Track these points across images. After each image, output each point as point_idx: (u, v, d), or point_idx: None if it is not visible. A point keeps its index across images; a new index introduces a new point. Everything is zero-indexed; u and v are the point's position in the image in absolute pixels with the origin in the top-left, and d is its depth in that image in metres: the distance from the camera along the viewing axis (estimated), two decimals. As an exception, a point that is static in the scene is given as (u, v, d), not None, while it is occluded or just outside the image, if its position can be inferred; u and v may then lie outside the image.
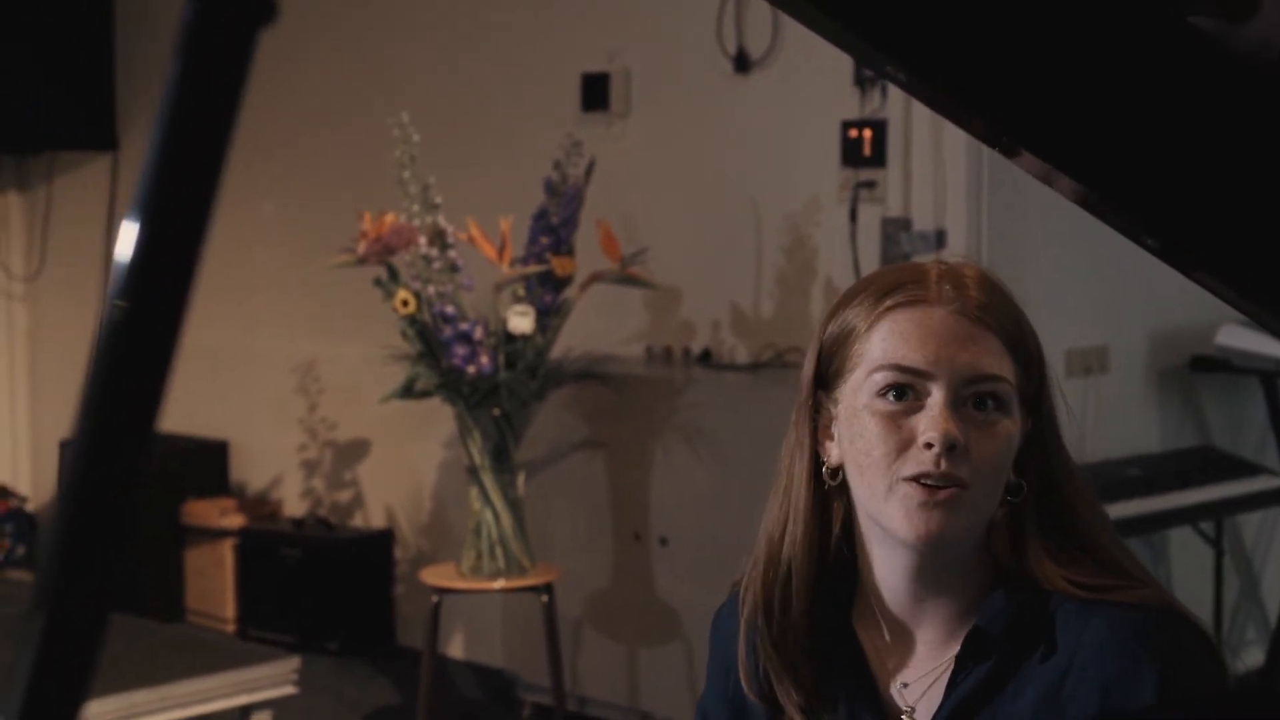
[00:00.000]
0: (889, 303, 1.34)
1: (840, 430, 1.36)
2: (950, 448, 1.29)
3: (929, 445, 1.29)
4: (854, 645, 1.38)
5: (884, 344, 1.33)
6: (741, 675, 1.41)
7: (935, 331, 1.32)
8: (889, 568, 1.35)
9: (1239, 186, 0.86)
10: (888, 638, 1.38)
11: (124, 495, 0.65)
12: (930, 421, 1.30)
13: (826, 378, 1.38)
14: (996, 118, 0.84)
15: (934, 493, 1.29)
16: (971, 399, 1.32)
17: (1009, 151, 0.85)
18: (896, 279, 1.36)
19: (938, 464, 1.29)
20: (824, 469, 1.37)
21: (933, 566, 1.34)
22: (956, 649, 1.34)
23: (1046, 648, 1.31)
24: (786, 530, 1.38)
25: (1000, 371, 1.33)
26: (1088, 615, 1.30)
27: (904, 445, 1.31)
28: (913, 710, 1.36)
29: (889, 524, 1.32)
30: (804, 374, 1.40)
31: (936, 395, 1.31)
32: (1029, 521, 1.34)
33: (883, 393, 1.32)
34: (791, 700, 1.37)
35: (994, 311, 1.34)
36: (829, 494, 1.38)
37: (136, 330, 0.64)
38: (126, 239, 0.63)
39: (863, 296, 1.37)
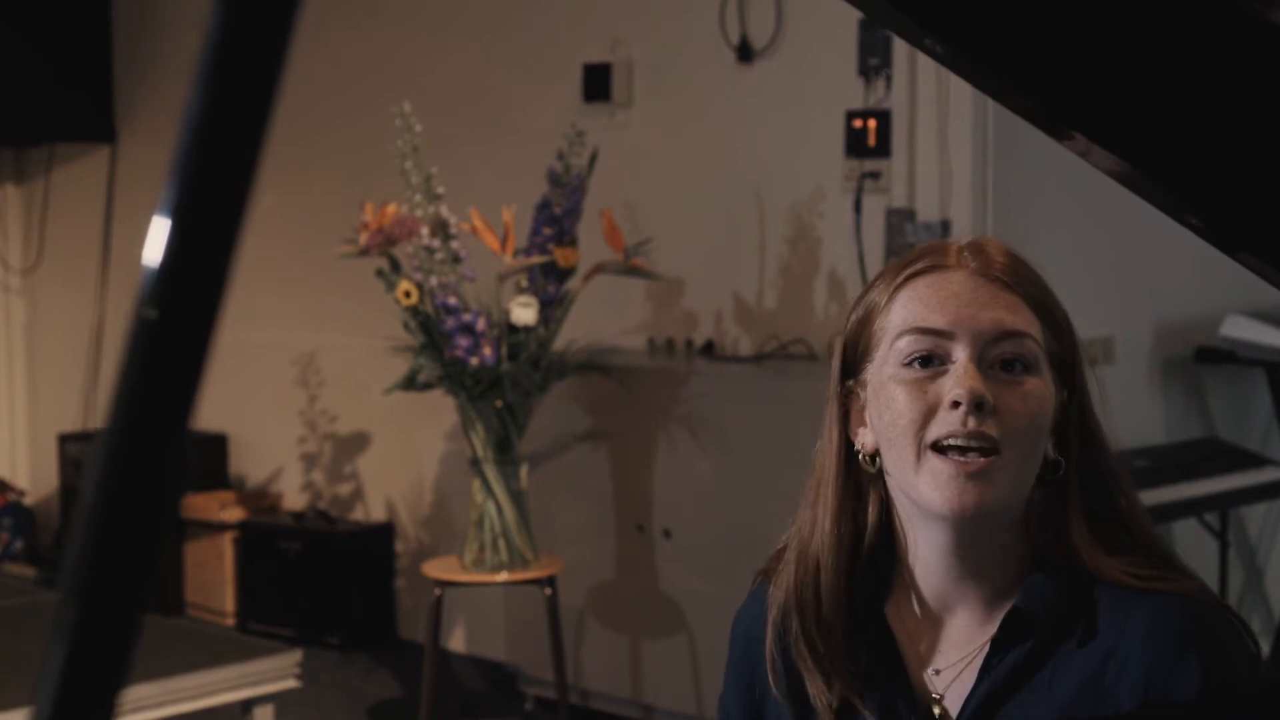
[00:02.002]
0: (908, 273, 1.33)
1: (870, 410, 1.34)
2: (978, 406, 1.26)
3: (955, 404, 1.27)
4: (886, 634, 1.36)
5: (904, 311, 1.31)
6: (770, 674, 1.38)
7: (955, 292, 1.31)
8: (928, 546, 1.32)
9: (1286, 164, 0.84)
10: (922, 624, 1.36)
11: (158, 500, 0.63)
12: (955, 380, 1.28)
13: (854, 362, 1.36)
14: (1038, 93, 0.82)
15: (963, 465, 1.26)
16: (999, 360, 1.29)
17: (1059, 133, 0.83)
18: (916, 254, 1.35)
19: (965, 423, 1.26)
20: (860, 457, 1.35)
21: (971, 542, 1.31)
22: (990, 633, 1.32)
23: (1086, 633, 1.28)
24: (816, 527, 1.36)
25: (1026, 328, 1.30)
26: (1133, 602, 1.27)
27: (931, 410, 1.28)
28: (942, 697, 1.34)
29: (921, 498, 1.29)
30: (832, 365, 1.38)
31: (961, 355, 1.29)
32: (1071, 503, 1.31)
33: (908, 361, 1.30)
34: (823, 698, 1.35)
35: (1017, 275, 1.32)
36: (865, 485, 1.35)
37: (170, 330, 0.62)
38: (159, 234, 0.61)
39: (882, 277, 1.36)
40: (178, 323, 0.61)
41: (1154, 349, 4.33)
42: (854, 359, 1.36)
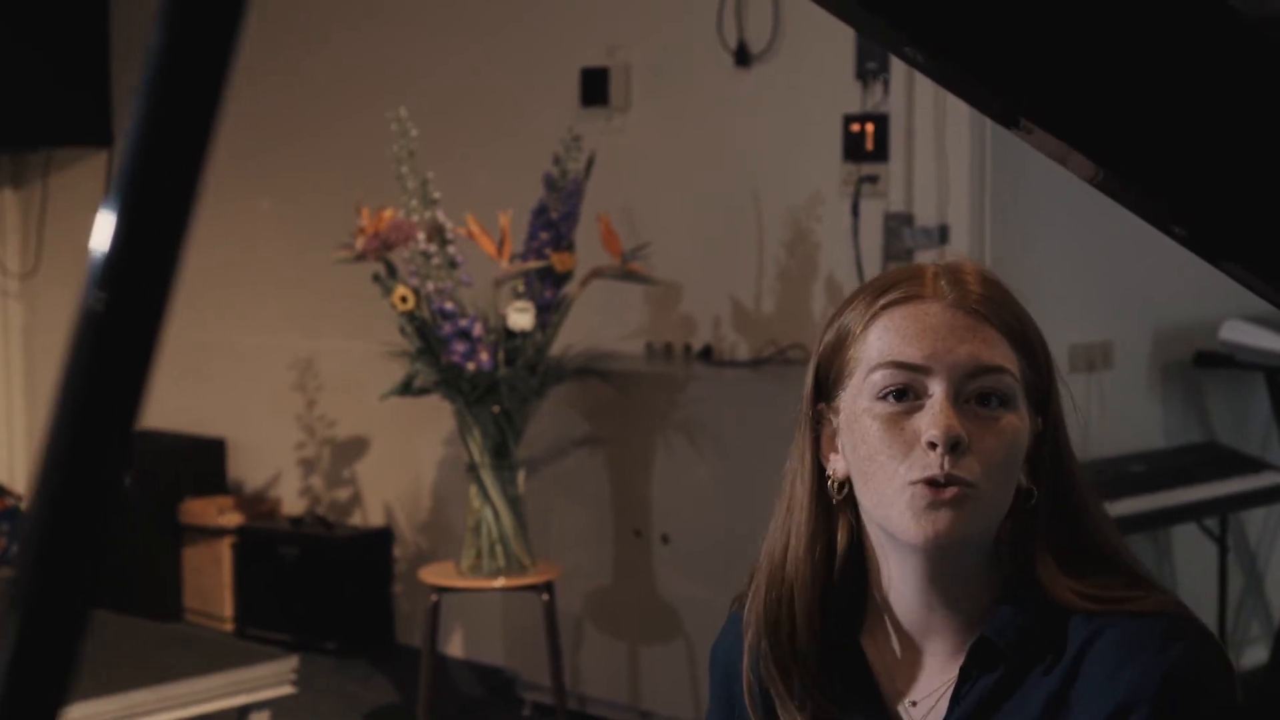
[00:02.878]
0: (884, 301, 1.31)
1: (843, 439, 1.32)
2: (954, 446, 1.25)
3: (932, 445, 1.25)
4: (862, 664, 1.35)
5: (879, 343, 1.29)
6: (747, 700, 1.37)
7: (932, 326, 1.28)
8: (900, 576, 1.31)
9: (1272, 172, 0.83)
10: (897, 654, 1.34)
11: (103, 495, 0.62)
12: (932, 419, 1.26)
13: (826, 387, 1.34)
14: (1017, 99, 0.81)
15: (940, 491, 1.25)
16: (975, 395, 1.28)
17: (1029, 133, 0.82)
18: (891, 279, 1.33)
19: (943, 465, 1.25)
20: (830, 483, 1.33)
21: (944, 571, 1.30)
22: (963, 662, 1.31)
23: (1054, 660, 1.28)
24: (789, 550, 1.34)
25: (1003, 363, 1.29)
26: (1100, 625, 1.27)
27: (908, 447, 1.27)
28: None
29: (897, 529, 1.28)
30: (804, 387, 1.36)
31: (937, 392, 1.27)
32: (1039, 533, 1.30)
33: (882, 394, 1.29)
34: None
35: (994, 304, 1.30)
36: (834, 510, 1.34)
37: (117, 322, 0.61)
38: (105, 227, 0.60)
39: (858, 300, 1.33)
40: (125, 313, 0.60)
41: (1153, 354, 4.32)
42: (826, 383, 1.34)
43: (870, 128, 4.02)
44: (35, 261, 6.09)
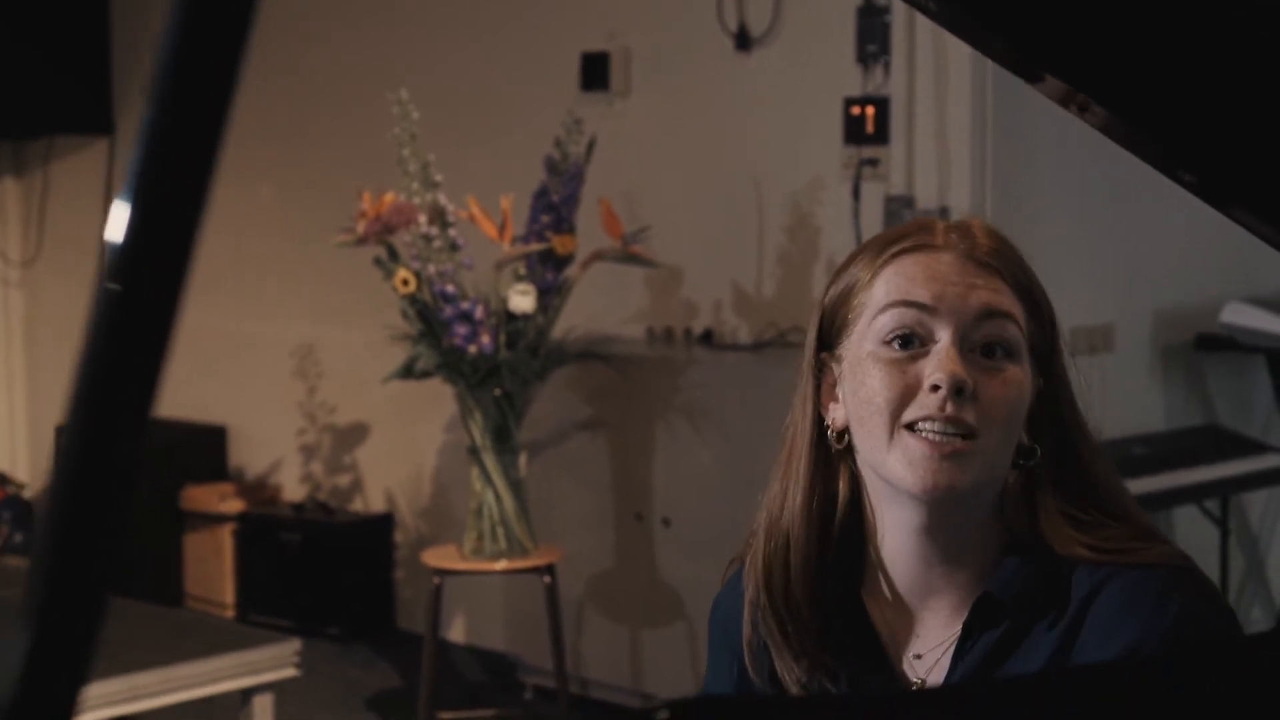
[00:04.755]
0: (894, 250, 1.31)
1: (844, 386, 1.32)
2: (958, 390, 1.25)
3: (935, 388, 1.25)
4: (864, 620, 1.34)
5: (888, 286, 1.30)
6: (748, 658, 1.37)
7: (942, 272, 1.29)
8: (897, 529, 1.31)
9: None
10: (899, 610, 1.34)
11: (121, 482, 0.62)
12: (937, 363, 1.26)
13: (830, 336, 1.34)
14: (1025, 43, 0.82)
15: (939, 445, 1.25)
16: (980, 345, 1.28)
17: (1036, 78, 0.82)
18: (901, 231, 1.34)
19: (943, 408, 1.25)
20: (829, 433, 1.33)
21: (942, 526, 1.29)
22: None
23: (1058, 615, 1.27)
24: (786, 502, 1.34)
25: (1010, 310, 1.29)
26: (1103, 578, 1.27)
27: (910, 391, 1.26)
28: (924, 682, 1.32)
29: (893, 476, 1.27)
30: (807, 338, 1.37)
31: (944, 336, 1.27)
32: (1044, 486, 1.30)
33: (889, 339, 1.29)
34: (792, 674, 1.33)
35: (1003, 258, 1.31)
36: (834, 461, 1.33)
37: (132, 312, 0.61)
38: (120, 216, 0.60)
39: (864, 252, 1.34)
40: (141, 294, 0.60)
41: (1154, 336, 4.33)
42: (830, 332, 1.35)
43: (871, 111, 4.01)
44: (36, 249, 6.09)
